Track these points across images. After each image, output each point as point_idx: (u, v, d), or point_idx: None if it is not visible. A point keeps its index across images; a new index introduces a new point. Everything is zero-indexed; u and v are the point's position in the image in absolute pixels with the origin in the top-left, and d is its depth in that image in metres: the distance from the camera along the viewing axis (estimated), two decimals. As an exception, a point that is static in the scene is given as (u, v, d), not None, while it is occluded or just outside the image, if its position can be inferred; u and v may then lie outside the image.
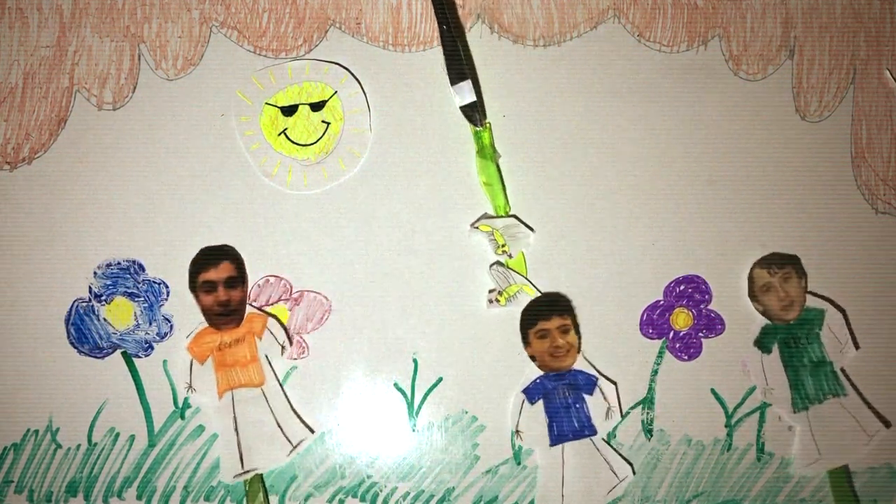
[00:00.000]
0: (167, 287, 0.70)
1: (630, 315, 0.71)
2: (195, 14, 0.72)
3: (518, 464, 0.70)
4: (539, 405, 0.69)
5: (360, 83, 0.71)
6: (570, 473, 0.68)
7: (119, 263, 0.70)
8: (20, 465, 0.69)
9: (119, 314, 0.69)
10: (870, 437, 0.69)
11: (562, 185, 0.72)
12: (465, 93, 0.70)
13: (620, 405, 0.70)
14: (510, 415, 0.69)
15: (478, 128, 0.70)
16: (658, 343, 0.71)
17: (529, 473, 0.69)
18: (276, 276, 0.70)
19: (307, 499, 0.69)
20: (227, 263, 0.69)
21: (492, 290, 0.70)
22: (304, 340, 0.70)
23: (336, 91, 0.71)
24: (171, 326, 0.69)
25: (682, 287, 0.71)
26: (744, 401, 0.70)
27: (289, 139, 0.71)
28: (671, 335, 0.71)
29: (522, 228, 0.70)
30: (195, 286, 0.69)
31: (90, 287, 0.69)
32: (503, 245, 0.69)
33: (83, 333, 0.69)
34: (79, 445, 0.69)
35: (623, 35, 0.73)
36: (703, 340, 0.71)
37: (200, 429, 0.69)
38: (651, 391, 0.70)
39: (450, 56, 0.69)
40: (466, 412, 0.70)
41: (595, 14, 0.73)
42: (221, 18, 0.72)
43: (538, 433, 0.69)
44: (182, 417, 0.69)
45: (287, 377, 0.70)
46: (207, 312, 0.69)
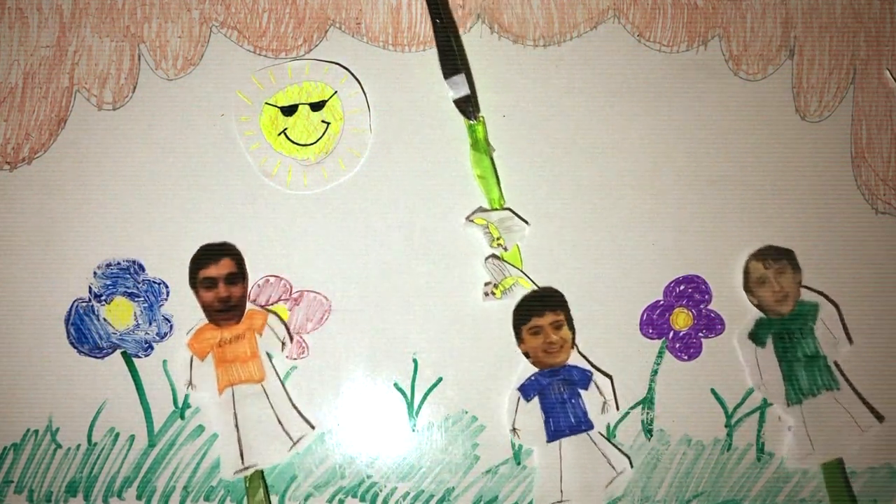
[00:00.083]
0: (167, 287, 0.70)
1: (630, 315, 0.71)
2: (195, 14, 0.72)
3: (518, 464, 0.70)
4: (535, 402, 0.69)
5: (360, 83, 0.71)
6: (568, 469, 0.68)
7: (119, 263, 0.70)
8: (20, 465, 0.69)
9: (119, 314, 0.69)
10: (863, 432, 0.69)
11: (562, 185, 0.72)
12: (459, 86, 0.70)
13: (616, 399, 0.70)
14: (506, 413, 0.69)
15: (471, 121, 0.70)
16: (658, 343, 0.71)
17: (529, 473, 0.69)
18: (276, 276, 0.70)
19: (307, 499, 0.69)
20: (228, 260, 0.69)
21: (487, 283, 0.70)
22: (304, 340, 0.70)
23: (336, 91, 0.71)
24: (171, 326, 0.69)
25: (682, 287, 0.71)
26: (744, 401, 0.70)
27: (289, 139, 0.71)
28: (671, 335, 0.71)
29: (517, 221, 0.70)
30: (195, 283, 0.69)
31: (90, 287, 0.69)
32: (498, 238, 0.69)
33: (83, 333, 0.69)
34: (79, 445, 0.69)
35: (623, 35, 0.73)
36: (703, 340, 0.71)
37: (200, 429, 0.69)
38: (651, 391, 0.70)
39: (443, 50, 0.70)
40: (466, 412, 0.70)
41: (595, 14, 0.73)
42: (221, 18, 0.72)
43: (534, 430, 0.69)
44: (182, 417, 0.69)
45: (287, 377, 0.70)
46: (208, 309, 0.69)
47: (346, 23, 0.72)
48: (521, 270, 0.70)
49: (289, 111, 0.71)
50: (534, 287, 0.70)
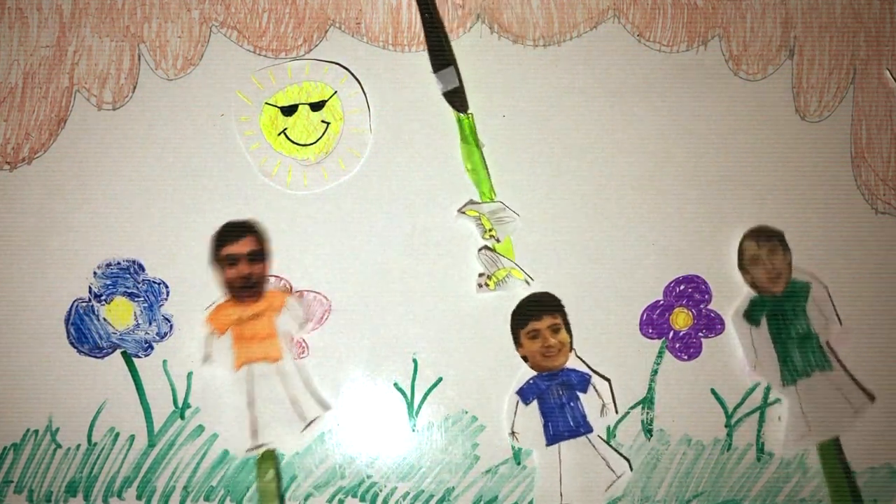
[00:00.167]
0: (167, 287, 0.70)
1: (630, 315, 0.71)
2: (195, 14, 0.72)
3: (518, 464, 0.70)
4: (534, 405, 0.69)
5: (360, 83, 0.71)
6: (568, 472, 0.68)
7: (119, 263, 0.70)
8: (20, 465, 0.69)
9: (119, 314, 0.69)
10: (855, 411, 0.69)
11: (561, 185, 0.72)
12: (448, 79, 0.70)
13: (615, 402, 0.70)
14: (505, 416, 0.69)
15: (461, 114, 0.71)
16: (658, 343, 0.71)
17: (529, 473, 0.69)
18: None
19: (307, 499, 0.69)
20: (251, 237, 0.69)
21: (481, 275, 0.70)
22: (304, 340, 0.70)
23: (336, 91, 0.71)
24: (171, 326, 0.69)
25: (682, 287, 0.71)
26: (744, 401, 0.70)
27: (289, 139, 0.71)
28: (671, 335, 0.71)
29: (508, 213, 0.70)
30: (218, 259, 0.69)
31: (90, 287, 0.69)
32: (490, 229, 0.70)
33: (83, 333, 0.69)
34: (78, 445, 0.69)
35: (623, 35, 0.73)
36: (703, 340, 0.71)
37: (200, 429, 0.69)
38: (651, 391, 0.70)
39: (433, 43, 0.70)
40: (466, 412, 0.70)
41: (595, 14, 0.73)
42: (221, 18, 0.72)
43: (534, 434, 0.69)
44: (182, 417, 0.69)
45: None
46: (230, 285, 0.69)
47: (346, 23, 0.72)
48: (514, 262, 0.70)
49: (289, 111, 0.71)
50: (527, 278, 0.70)
